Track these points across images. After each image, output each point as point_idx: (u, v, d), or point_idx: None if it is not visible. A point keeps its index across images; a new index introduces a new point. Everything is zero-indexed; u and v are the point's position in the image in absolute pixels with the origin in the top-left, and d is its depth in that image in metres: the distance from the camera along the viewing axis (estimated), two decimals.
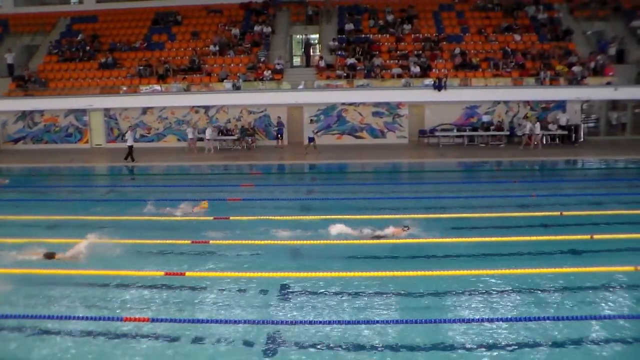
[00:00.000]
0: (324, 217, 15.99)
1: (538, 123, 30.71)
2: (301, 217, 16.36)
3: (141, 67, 34.03)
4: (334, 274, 11.61)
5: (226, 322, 9.69)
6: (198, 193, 20.77)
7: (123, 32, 37.76)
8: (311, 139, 30.71)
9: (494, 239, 13.96)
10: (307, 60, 37.38)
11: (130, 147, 28.00)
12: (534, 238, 13.91)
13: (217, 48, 35.26)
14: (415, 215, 15.84)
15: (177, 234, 14.75)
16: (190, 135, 31.64)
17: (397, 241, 13.72)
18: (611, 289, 11.12)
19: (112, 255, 12.95)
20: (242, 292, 11.09)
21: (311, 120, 32.13)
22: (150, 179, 24.98)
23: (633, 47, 34.87)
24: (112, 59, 34.89)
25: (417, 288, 11.14)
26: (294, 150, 31.74)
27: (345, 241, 13.74)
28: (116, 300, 10.79)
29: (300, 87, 32.80)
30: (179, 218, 16.43)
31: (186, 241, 13.79)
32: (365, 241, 13.78)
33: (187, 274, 11.66)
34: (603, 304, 10.56)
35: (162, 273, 11.61)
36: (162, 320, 9.71)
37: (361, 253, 13.33)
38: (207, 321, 9.72)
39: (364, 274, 11.57)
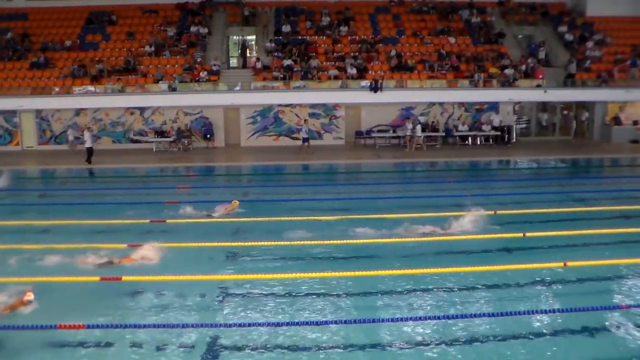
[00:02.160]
0: (261, 219, 16.02)
1: (419, 125, 31.34)
2: (239, 219, 16.33)
3: (74, 68, 33.26)
4: (272, 275, 11.63)
5: (164, 326, 9.57)
6: (134, 195, 20.55)
7: (55, 31, 36.75)
8: (305, 139, 30.68)
9: (430, 238, 14.24)
10: (244, 62, 37.20)
11: (89, 149, 27.29)
12: (469, 237, 14.23)
13: (153, 49, 34.74)
14: (354, 216, 16.03)
15: (113, 238, 14.50)
16: (70, 138, 31.29)
17: (338, 242, 13.80)
18: (542, 285, 11.48)
19: (46, 261, 12.68)
20: (180, 296, 10.99)
21: (305, 120, 32.07)
22: (85, 182, 24.51)
23: (560, 51, 35.96)
24: (43, 58, 33.95)
25: (355, 288, 11.25)
26: (230, 151, 31.68)
27: (283, 242, 13.75)
28: (50, 307, 10.47)
29: (237, 88, 32.57)
30: (115, 222, 16.13)
31: (122, 245, 13.56)
32: (304, 242, 13.82)
33: (124, 278, 11.41)
34: (535, 299, 10.90)
35: (98, 278, 11.37)
36: (98, 327, 9.51)
37: (304, 254, 13.36)
38: (145, 326, 9.55)
39: (303, 275, 11.63)
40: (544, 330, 9.59)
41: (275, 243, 13.75)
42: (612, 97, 33.34)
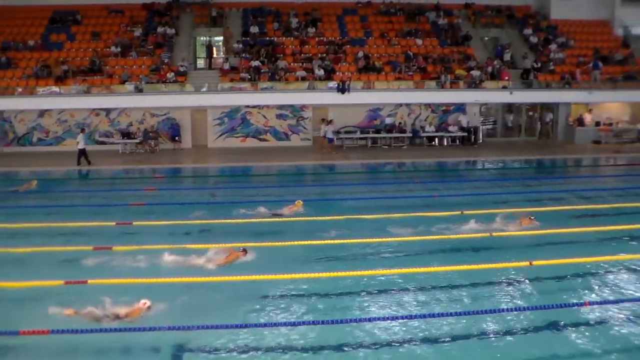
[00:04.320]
0: (228, 221, 15.95)
1: (330, 127, 31.38)
2: (205, 221, 16.23)
3: (38, 68, 32.76)
4: (243, 277, 11.54)
5: (131, 330, 9.39)
6: (98, 198, 20.32)
7: (17, 30, 36.10)
8: (330, 140, 30.87)
9: (397, 239, 14.29)
10: (209, 63, 37.00)
11: (81, 151, 26.96)
12: (436, 237, 14.32)
13: (119, 49, 34.37)
14: (326, 218, 16.03)
15: (78, 240, 14.31)
16: None
17: (306, 242, 13.77)
18: (508, 284, 11.62)
19: (9, 264, 12.49)
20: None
21: (330, 121, 32.11)
22: (50, 185, 24.15)
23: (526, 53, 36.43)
24: (5, 58, 33.37)
25: (329, 289, 11.26)
26: (198, 153, 31.58)
27: (256, 244, 13.64)
28: (11, 312, 10.22)
29: (204, 89, 32.42)
30: (78, 224, 15.89)
31: (88, 247, 13.36)
32: (269, 243, 13.74)
33: (90, 282, 11.16)
34: (501, 298, 11.02)
35: (62, 282, 11.15)
36: (63, 332, 9.16)
37: (273, 255, 13.30)
38: (112, 330, 9.31)
39: (273, 276, 11.58)
40: (509, 329, 9.68)
41: (246, 244, 13.66)
42: (575, 98, 33.98)
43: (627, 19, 38.78)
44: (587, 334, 9.54)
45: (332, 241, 14.00)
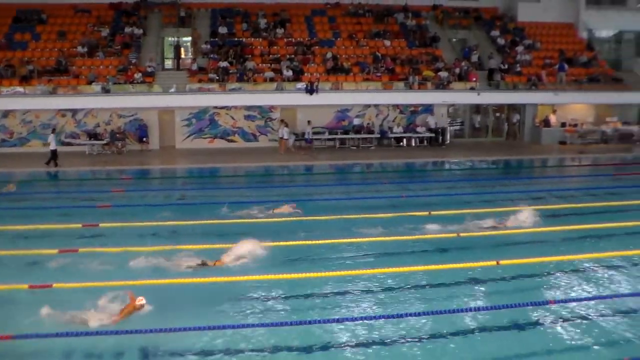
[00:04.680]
0: (196, 222, 15.87)
1: (287, 129, 31.33)
2: (174, 222, 16.12)
3: (1, 68, 32.21)
4: (217, 279, 11.48)
5: (97, 334, 9.26)
6: (64, 200, 20.06)
7: None
8: (309, 141, 31.25)
9: (365, 239, 14.33)
10: (177, 63, 36.75)
11: (54, 152, 26.62)
12: (405, 238, 14.39)
13: (86, 49, 33.94)
14: (294, 218, 16.01)
15: (43, 243, 14.09)
16: None
17: (275, 244, 13.74)
18: (476, 283, 11.72)
19: None
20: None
21: (308, 122, 32.08)
22: (16, 186, 23.81)
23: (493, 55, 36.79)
24: None
25: (302, 290, 11.25)
26: (165, 154, 31.35)
27: (217, 245, 13.57)
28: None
29: (172, 90, 32.16)
30: (43, 226, 15.65)
31: (53, 250, 13.17)
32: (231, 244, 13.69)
33: (55, 285, 10.91)
34: (469, 297, 11.11)
35: (26, 286, 10.94)
36: (27, 337, 8.97)
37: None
38: (77, 334, 9.08)
39: (246, 278, 11.54)
40: (476, 328, 9.77)
41: (209, 246, 13.57)
42: (542, 99, 34.48)
43: (591, 22, 39.51)
44: (552, 331, 9.67)
45: (299, 242, 13.99)
